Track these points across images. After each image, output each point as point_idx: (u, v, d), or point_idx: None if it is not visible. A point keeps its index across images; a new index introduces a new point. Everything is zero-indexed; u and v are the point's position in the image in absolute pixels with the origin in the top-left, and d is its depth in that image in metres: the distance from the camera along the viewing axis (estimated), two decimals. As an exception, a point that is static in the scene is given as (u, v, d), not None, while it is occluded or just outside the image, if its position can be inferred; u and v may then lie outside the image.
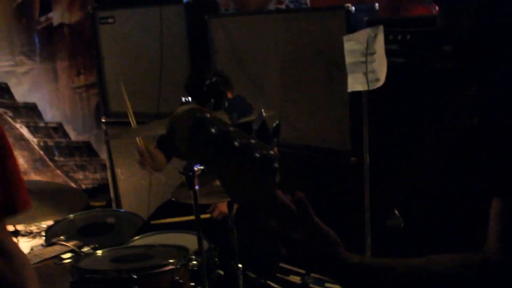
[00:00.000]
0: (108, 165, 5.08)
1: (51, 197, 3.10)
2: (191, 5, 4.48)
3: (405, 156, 3.47)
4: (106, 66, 4.89)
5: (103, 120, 4.99)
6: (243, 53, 4.32)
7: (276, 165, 1.16)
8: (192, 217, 2.62)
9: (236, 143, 1.13)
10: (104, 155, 5.42)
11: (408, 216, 3.40)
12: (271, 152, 1.16)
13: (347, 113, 3.77)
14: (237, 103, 1.46)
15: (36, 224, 4.87)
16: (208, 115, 1.10)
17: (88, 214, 3.82)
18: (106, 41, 4.84)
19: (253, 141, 1.15)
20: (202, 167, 2.48)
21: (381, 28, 3.30)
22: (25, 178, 5.84)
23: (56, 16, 5.56)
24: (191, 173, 2.46)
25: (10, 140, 5.52)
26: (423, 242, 3.33)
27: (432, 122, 3.29)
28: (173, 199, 3.02)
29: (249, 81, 4.32)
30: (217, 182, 2.81)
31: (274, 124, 1.22)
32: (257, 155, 1.14)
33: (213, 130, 1.10)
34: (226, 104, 1.27)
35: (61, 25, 5.57)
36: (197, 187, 2.49)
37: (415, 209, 3.40)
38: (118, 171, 5.02)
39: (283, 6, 4.81)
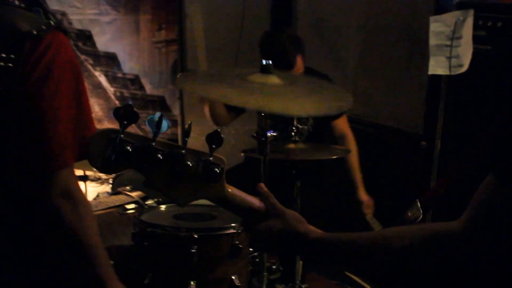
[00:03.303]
0: (179, 121, 5.14)
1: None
2: (278, -32, 4.47)
3: (476, 149, 3.37)
4: (188, 24, 4.92)
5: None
6: (324, 22, 4.28)
7: (218, 170, 1.25)
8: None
9: (159, 156, 1.19)
10: (176, 111, 5.48)
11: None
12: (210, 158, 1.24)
13: (423, 96, 3.70)
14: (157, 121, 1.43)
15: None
16: (121, 135, 1.17)
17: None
18: (190, -2, 4.87)
19: (182, 151, 1.22)
20: (274, 133, 2.48)
21: (471, 12, 3.20)
22: (99, 125, 5.98)
23: (144, -31, 5.61)
24: (263, 138, 2.45)
25: (89, 87, 5.64)
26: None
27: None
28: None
29: (327, 51, 4.28)
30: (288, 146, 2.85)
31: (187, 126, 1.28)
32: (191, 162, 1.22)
33: (128, 147, 1.17)
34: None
35: (147, -22, 5.62)
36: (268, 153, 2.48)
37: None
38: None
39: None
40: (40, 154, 1.50)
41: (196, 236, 2.39)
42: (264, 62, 2.26)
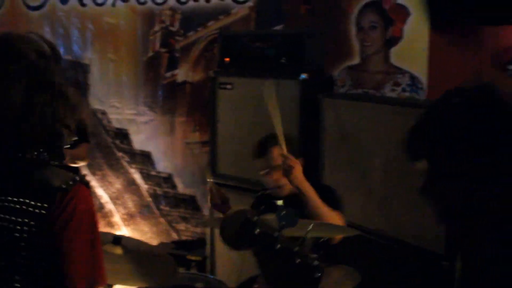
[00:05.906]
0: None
1: (143, 260, 3.22)
2: (307, 82, 4.59)
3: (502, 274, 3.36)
4: (219, 128, 5.08)
5: (208, 180, 5.15)
6: (350, 136, 4.37)
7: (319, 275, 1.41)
8: None
9: (278, 246, 1.36)
10: (206, 212, 5.60)
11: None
12: (315, 262, 1.42)
13: (445, 216, 3.72)
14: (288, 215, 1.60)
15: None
16: (255, 218, 1.34)
17: (179, 276, 3.93)
18: (222, 104, 5.03)
19: (296, 248, 1.39)
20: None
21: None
22: (131, 221, 6.12)
23: (181, 74, 5.84)
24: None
25: (123, 184, 5.77)
26: None
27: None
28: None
29: (353, 165, 4.36)
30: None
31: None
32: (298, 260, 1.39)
33: (257, 231, 1.33)
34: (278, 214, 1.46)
35: (184, 82, 5.84)
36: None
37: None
38: (217, 230, 5.15)
39: (399, 88, 4.83)
40: (59, 283, 1.82)
41: None
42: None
